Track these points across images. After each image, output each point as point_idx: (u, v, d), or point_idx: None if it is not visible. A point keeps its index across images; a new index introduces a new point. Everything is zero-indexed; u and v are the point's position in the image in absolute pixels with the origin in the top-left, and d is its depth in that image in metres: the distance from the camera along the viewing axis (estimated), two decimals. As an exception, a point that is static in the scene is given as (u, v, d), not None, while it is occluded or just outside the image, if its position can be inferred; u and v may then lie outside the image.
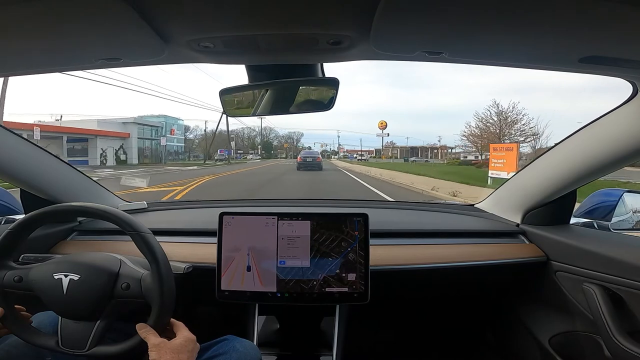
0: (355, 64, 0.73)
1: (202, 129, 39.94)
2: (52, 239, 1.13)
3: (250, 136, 54.38)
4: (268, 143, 55.49)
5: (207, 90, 32.62)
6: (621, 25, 0.50)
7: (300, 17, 0.54)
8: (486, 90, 69.80)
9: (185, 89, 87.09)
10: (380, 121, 37.24)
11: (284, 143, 58.32)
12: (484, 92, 71.89)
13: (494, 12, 0.49)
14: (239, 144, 48.59)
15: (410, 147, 48.28)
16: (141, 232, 0.73)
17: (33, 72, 0.73)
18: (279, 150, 56.31)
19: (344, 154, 55.39)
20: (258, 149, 49.88)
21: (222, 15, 0.53)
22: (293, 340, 1.16)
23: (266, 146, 54.06)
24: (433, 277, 1.11)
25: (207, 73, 64.66)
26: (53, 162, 1.13)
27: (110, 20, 0.51)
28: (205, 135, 37.36)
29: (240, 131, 50.57)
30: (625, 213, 1.10)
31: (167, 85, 61.54)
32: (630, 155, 0.83)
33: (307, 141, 66.73)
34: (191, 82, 65.39)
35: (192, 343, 0.71)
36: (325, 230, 0.98)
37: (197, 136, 41.77)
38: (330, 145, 58.48)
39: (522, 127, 19.00)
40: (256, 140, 54.43)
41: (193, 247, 1.10)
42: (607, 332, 0.87)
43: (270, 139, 56.57)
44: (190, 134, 40.34)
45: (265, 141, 55.63)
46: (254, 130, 52.55)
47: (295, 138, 59.20)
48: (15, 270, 0.75)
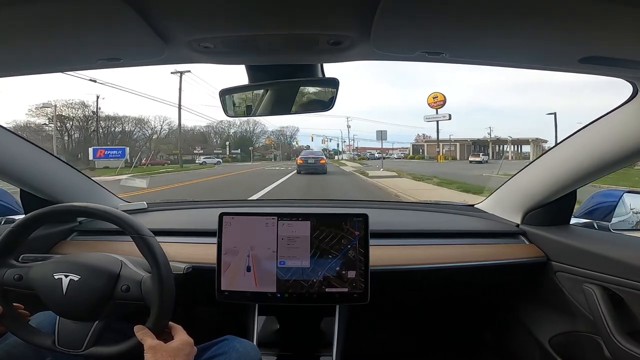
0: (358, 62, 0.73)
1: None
2: (52, 239, 1.13)
3: (225, 130, 40.29)
4: (245, 139, 41.05)
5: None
6: (621, 26, 0.50)
7: (301, 17, 0.54)
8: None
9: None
10: (434, 94, 22.70)
11: (266, 139, 43.18)
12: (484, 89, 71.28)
13: (494, 12, 0.49)
14: (209, 141, 38.10)
15: (472, 142, 33.04)
16: (144, 235, 0.73)
17: (33, 72, 0.73)
18: (266, 151, 42.22)
19: (358, 153, 42.30)
20: (227, 147, 37.15)
21: (223, 15, 0.53)
22: (293, 340, 1.16)
23: (243, 143, 39.87)
24: (433, 277, 1.11)
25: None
26: (53, 162, 1.13)
27: (111, 21, 0.51)
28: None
29: (216, 125, 39.53)
30: (625, 213, 1.10)
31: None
32: (631, 156, 0.83)
33: (303, 138, 53.87)
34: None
35: (189, 346, 0.71)
36: (326, 228, 0.98)
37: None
38: (335, 139, 44.39)
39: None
40: (231, 133, 40.62)
41: (193, 247, 1.10)
42: (607, 333, 0.87)
43: (256, 134, 42.42)
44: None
45: (243, 137, 40.94)
46: (235, 124, 40.36)
47: (288, 134, 44.89)
48: (15, 269, 0.75)
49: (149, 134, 32.51)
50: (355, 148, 44.49)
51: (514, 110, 66.94)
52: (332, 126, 63.56)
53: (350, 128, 43.09)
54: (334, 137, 45.30)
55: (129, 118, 30.85)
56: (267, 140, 43.75)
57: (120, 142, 27.97)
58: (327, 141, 43.06)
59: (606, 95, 17.73)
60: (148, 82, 34.02)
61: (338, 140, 44.94)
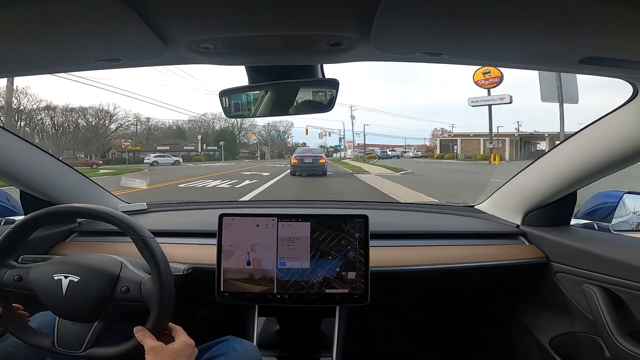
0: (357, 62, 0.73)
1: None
2: (51, 239, 1.13)
3: (209, 125, 35.30)
4: (227, 133, 34.80)
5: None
6: (621, 26, 0.50)
7: (301, 18, 0.54)
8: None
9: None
10: (483, 68, 15.44)
11: (248, 132, 36.32)
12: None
13: (494, 13, 0.49)
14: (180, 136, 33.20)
15: (519, 136, 24.85)
16: (144, 236, 0.73)
17: (33, 73, 0.74)
18: (257, 148, 35.51)
19: (363, 150, 34.24)
20: (199, 143, 31.74)
21: (222, 16, 0.53)
22: (293, 341, 1.16)
23: (224, 138, 33.03)
24: (433, 278, 1.11)
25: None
26: (53, 163, 1.13)
27: (110, 22, 0.51)
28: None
29: (199, 119, 35.43)
30: (625, 214, 1.10)
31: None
32: (631, 157, 0.83)
33: (298, 132, 46.16)
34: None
35: (190, 348, 0.71)
36: (326, 229, 0.98)
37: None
38: (336, 132, 35.80)
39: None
40: (215, 127, 35.28)
41: (193, 248, 1.10)
42: (608, 333, 0.87)
43: (245, 129, 36.24)
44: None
45: (224, 131, 35.00)
46: (222, 117, 33.31)
47: (282, 129, 38.27)
48: (15, 270, 0.75)
49: (100, 127, 28.87)
50: (357, 145, 36.30)
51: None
52: (332, 116, 48.24)
53: (354, 119, 33.16)
54: (335, 130, 36.89)
55: (89, 109, 28.09)
56: (250, 135, 37.10)
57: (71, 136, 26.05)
58: (325, 135, 34.86)
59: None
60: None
61: (340, 133, 36.37)
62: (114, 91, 38.29)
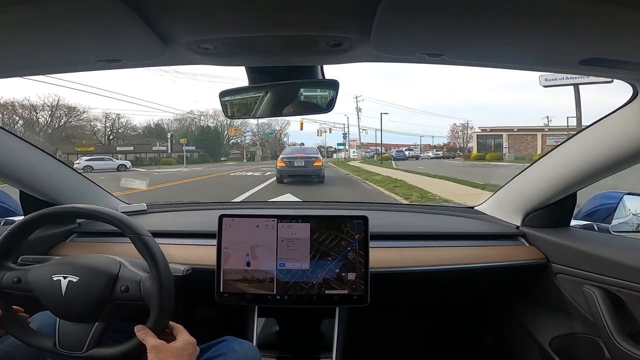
0: (356, 64, 0.73)
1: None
2: (51, 240, 1.13)
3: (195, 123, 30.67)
4: (210, 132, 30.59)
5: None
6: (621, 28, 0.50)
7: (301, 18, 0.54)
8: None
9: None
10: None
11: (229, 129, 31.17)
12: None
13: (494, 14, 0.49)
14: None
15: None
16: (141, 234, 0.73)
17: (33, 73, 0.73)
18: (252, 147, 30.84)
19: (367, 150, 29.97)
20: (170, 142, 25.77)
21: (222, 17, 0.53)
22: (292, 342, 1.15)
23: (206, 137, 29.23)
24: (433, 279, 1.11)
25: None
26: (52, 164, 1.13)
27: (110, 22, 0.51)
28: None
29: (184, 117, 31.58)
30: (625, 215, 1.10)
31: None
32: (631, 158, 0.83)
33: (298, 134, 41.76)
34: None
35: (192, 347, 0.71)
36: (325, 230, 0.98)
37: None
38: (339, 128, 29.48)
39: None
40: (191, 128, 31.42)
41: (192, 249, 1.10)
42: (608, 334, 0.87)
43: (235, 127, 31.05)
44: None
45: (204, 130, 30.94)
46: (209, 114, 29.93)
47: (278, 128, 34.41)
48: (14, 271, 0.75)
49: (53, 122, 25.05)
50: (361, 144, 31.18)
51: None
52: (334, 110, 38.83)
53: (360, 112, 28.49)
54: (337, 125, 30.60)
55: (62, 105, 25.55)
56: (231, 131, 31.21)
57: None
58: (325, 132, 29.21)
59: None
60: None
61: (345, 129, 29.98)
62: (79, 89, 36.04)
